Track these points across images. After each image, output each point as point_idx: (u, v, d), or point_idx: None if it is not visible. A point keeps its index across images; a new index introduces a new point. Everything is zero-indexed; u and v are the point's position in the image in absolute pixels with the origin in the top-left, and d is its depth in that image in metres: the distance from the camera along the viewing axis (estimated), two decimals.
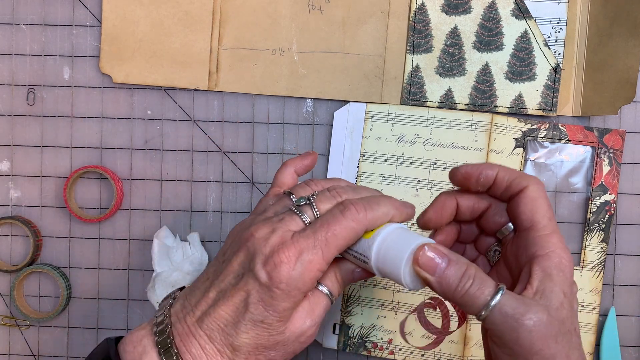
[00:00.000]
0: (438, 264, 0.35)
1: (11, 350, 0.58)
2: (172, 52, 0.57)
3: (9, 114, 0.58)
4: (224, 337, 0.36)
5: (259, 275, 0.35)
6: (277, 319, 0.36)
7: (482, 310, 0.33)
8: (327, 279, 0.39)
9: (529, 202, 0.37)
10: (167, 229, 0.57)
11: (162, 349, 0.36)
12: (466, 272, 0.34)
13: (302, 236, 0.36)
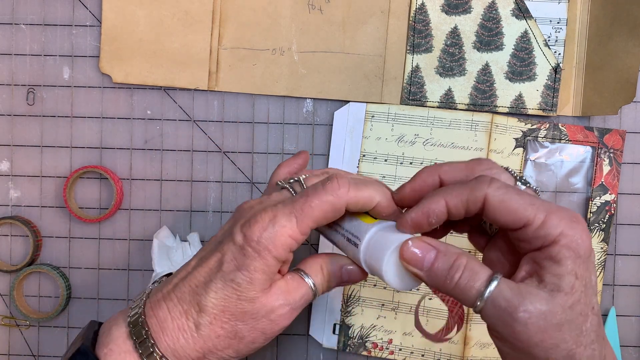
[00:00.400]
0: (425, 258, 0.33)
1: (11, 350, 0.58)
2: (172, 52, 0.57)
3: (9, 114, 0.58)
4: (193, 296, 0.36)
5: (235, 236, 0.36)
6: (247, 280, 0.35)
7: (476, 302, 0.32)
8: (312, 270, 0.39)
9: (498, 210, 0.33)
10: (167, 229, 0.57)
11: (131, 319, 0.36)
12: (455, 262, 0.33)
13: (281, 203, 0.37)
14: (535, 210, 0.32)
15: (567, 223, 0.32)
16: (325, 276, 0.39)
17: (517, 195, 0.33)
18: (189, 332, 0.35)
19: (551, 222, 0.32)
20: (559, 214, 0.32)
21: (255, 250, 0.36)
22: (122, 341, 0.35)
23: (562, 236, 0.32)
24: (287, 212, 0.36)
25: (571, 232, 0.32)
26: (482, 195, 0.33)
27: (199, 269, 0.37)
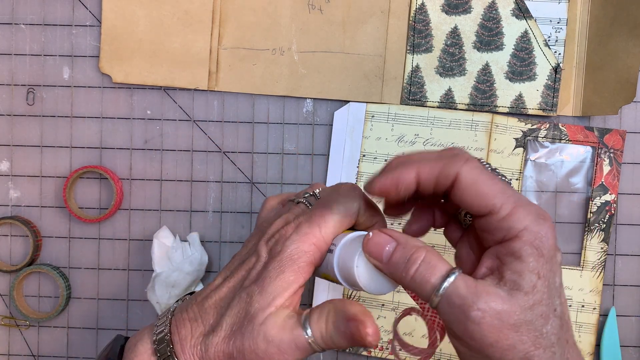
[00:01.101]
0: (385, 249, 0.32)
1: (11, 350, 0.58)
2: (171, 52, 0.57)
3: (9, 114, 0.58)
4: (214, 316, 0.36)
5: (260, 252, 0.36)
6: (258, 290, 0.34)
7: (431, 297, 0.31)
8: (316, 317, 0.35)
9: (468, 190, 0.31)
10: (166, 229, 0.57)
11: (156, 337, 0.36)
12: (413, 255, 0.32)
13: (303, 215, 0.37)
14: (504, 199, 0.31)
15: (534, 218, 0.30)
16: (329, 328, 0.34)
17: (489, 180, 0.31)
18: (198, 351, 0.35)
19: (517, 214, 0.31)
20: (526, 208, 0.31)
21: (278, 260, 0.35)
22: (147, 357, 0.36)
23: (526, 231, 0.30)
24: (308, 220, 0.36)
25: (536, 228, 0.30)
26: (455, 171, 0.31)
27: (223, 288, 0.37)
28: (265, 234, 0.37)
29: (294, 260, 0.35)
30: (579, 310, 0.56)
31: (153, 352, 0.36)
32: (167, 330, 0.36)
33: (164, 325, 0.36)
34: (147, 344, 0.36)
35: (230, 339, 0.34)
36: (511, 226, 0.31)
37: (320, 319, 0.34)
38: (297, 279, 0.35)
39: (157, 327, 0.37)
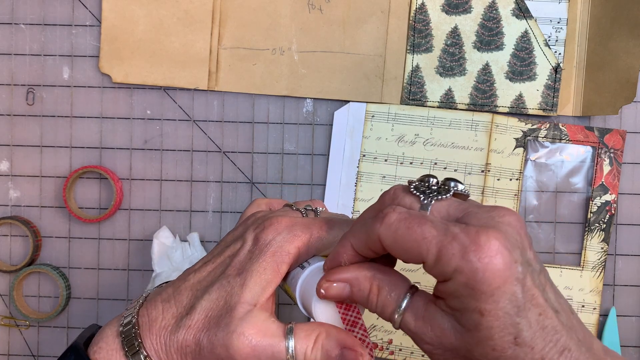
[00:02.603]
0: (342, 293, 0.32)
1: (11, 350, 0.58)
2: (171, 52, 0.57)
3: (9, 114, 0.58)
4: (190, 299, 0.35)
5: (246, 237, 0.36)
6: (240, 283, 0.34)
7: (396, 324, 0.31)
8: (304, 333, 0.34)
9: (392, 250, 0.30)
10: (166, 229, 0.57)
11: (124, 319, 0.35)
12: (371, 289, 0.31)
13: (300, 217, 0.37)
14: (427, 246, 0.28)
15: (461, 256, 0.27)
16: (317, 349, 0.33)
17: (408, 230, 0.29)
18: (168, 333, 0.34)
19: (444, 258, 0.28)
20: (451, 246, 0.28)
21: (263, 252, 0.35)
22: (112, 339, 0.35)
23: (457, 273, 0.28)
24: (305, 224, 0.36)
25: (467, 266, 0.27)
26: (376, 236, 0.30)
27: (202, 272, 0.36)
28: (254, 222, 0.37)
29: (275, 258, 0.35)
30: (579, 310, 0.56)
31: (118, 334, 0.35)
32: (135, 312, 0.35)
33: (133, 308, 0.36)
34: (114, 327, 0.36)
35: (203, 327, 0.34)
36: (441, 272, 0.28)
37: (308, 338, 0.33)
38: (275, 279, 0.35)
39: (128, 310, 0.36)
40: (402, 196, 0.31)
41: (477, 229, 0.28)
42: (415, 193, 0.31)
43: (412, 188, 0.31)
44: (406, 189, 0.32)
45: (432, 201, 0.30)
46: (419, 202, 0.31)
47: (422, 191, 0.31)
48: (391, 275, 0.32)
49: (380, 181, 0.56)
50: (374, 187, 0.56)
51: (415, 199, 0.31)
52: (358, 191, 0.57)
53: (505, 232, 0.28)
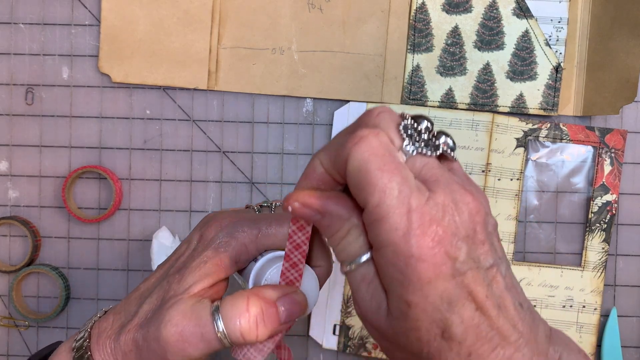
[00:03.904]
0: (310, 218, 0.29)
1: (10, 351, 0.58)
2: (171, 52, 0.57)
3: (8, 114, 0.58)
4: (137, 306, 0.34)
5: (192, 238, 0.36)
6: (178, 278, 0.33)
7: (343, 267, 0.29)
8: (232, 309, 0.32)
9: (350, 179, 0.27)
10: (166, 229, 0.56)
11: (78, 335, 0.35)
12: (341, 229, 0.28)
13: (250, 214, 0.36)
14: (381, 200, 0.25)
15: (403, 233, 0.25)
16: (252, 318, 0.32)
17: (377, 170, 0.25)
18: (112, 341, 0.34)
19: (387, 224, 0.25)
20: (399, 218, 0.25)
21: (205, 248, 0.34)
22: (64, 355, 0.35)
23: (389, 250, 0.25)
24: (251, 220, 0.35)
25: (404, 247, 0.25)
26: (346, 156, 0.26)
27: (152, 278, 0.36)
28: (200, 223, 0.36)
29: (218, 253, 0.34)
30: (579, 310, 0.55)
31: (71, 349, 0.35)
32: (89, 326, 0.35)
33: (89, 322, 0.36)
34: (69, 343, 0.35)
35: (139, 327, 0.33)
36: (376, 235, 0.26)
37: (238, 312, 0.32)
38: (217, 272, 0.34)
39: (84, 325, 0.36)
40: (387, 126, 0.27)
41: (431, 212, 0.25)
42: (402, 134, 0.27)
43: (401, 126, 0.27)
44: (394, 120, 0.28)
45: (414, 153, 0.27)
46: (400, 144, 0.27)
47: (410, 135, 0.27)
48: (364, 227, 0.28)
49: None
50: None
51: (399, 139, 0.27)
52: None
53: (455, 223, 0.26)
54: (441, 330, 0.26)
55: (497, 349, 0.26)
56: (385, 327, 0.27)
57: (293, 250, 0.32)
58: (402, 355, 0.28)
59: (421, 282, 0.25)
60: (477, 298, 0.26)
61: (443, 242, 0.25)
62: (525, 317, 0.27)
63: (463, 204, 0.26)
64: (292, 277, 0.33)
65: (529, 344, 0.27)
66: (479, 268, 0.26)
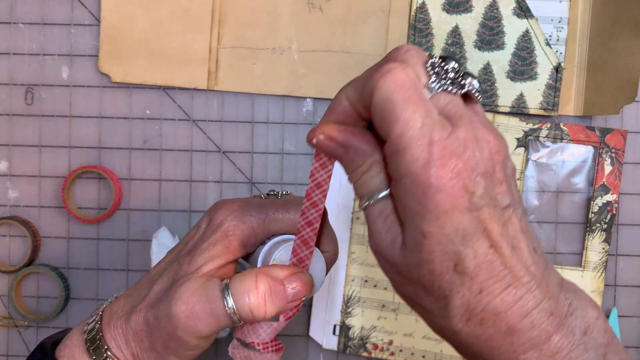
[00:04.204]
0: (333, 152, 0.29)
1: (10, 351, 0.58)
2: (171, 52, 0.57)
3: (7, 114, 0.58)
4: (147, 288, 0.35)
5: (201, 223, 0.36)
6: (187, 260, 0.34)
7: (361, 202, 0.29)
8: (241, 286, 0.33)
9: (375, 110, 0.27)
10: (166, 230, 0.56)
11: (90, 318, 0.36)
12: (363, 165, 0.29)
13: (257, 199, 0.37)
14: (404, 131, 0.26)
15: (423, 164, 0.25)
16: (261, 294, 0.33)
17: (403, 102, 0.26)
18: (123, 322, 0.34)
19: (408, 155, 0.25)
20: (421, 149, 0.25)
21: (214, 231, 0.35)
22: (76, 337, 0.36)
23: (408, 179, 0.26)
24: (259, 206, 0.36)
25: (424, 176, 0.25)
26: (372, 87, 0.27)
27: (162, 262, 0.37)
28: (210, 208, 0.37)
29: (227, 236, 0.35)
30: None
31: (83, 331, 0.35)
32: (101, 310, 0.36)
33: (101, 306, 0.37)
34: (82, 326, 0.36)
35: (150, 306, 0.34)
36: (397, 165, 0.26)
37: (247, 289, 0.33)
38: (226, 254, 0.34)
39: (97, 309, 0.37)
40: (414, 63, 0.27)
41: (452, 146, 0.25)
42: (429, 70, 0.27)
43: (428, 64, 0.28)
44: (422, 57, 0.28)
45: (440, 90, 0.27)
46: (427, 81, 0.27)
47: (437, 72, 0.27)
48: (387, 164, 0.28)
49: None
50: None
51: (425, 76, 0.27)
52: None
53: (475, 159, 0.26)
54: (454, 263, 0.26)
55: (508, 288, 0.26)
56: (398, 260, 0.28)
57: (314, 188, 0.32)
58: (414, 289, 0.28)
59: (438, 212, 0.25)
60: (491, 235, 0.26)
61: (462, 176, 0.25)
62: (538, 261, 0.28)
63: (484, 141, 0.26)
64: (307, 236, 0.34)
65: (541, 287, 0.27)
66: (495, 206, 0.26)
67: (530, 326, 0.27)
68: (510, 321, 0.26)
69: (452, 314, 0.27)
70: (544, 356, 0.27)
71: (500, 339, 0.27)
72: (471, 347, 0.28)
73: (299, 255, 0.34)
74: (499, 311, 0.26)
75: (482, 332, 0.27)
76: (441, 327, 0.28)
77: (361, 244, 0.56)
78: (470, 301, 0.26)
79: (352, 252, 0.56)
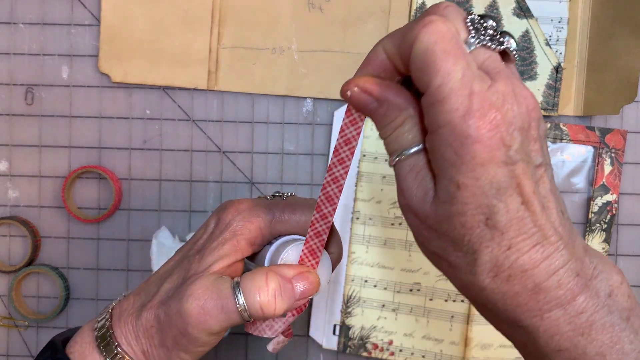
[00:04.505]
0: (366, 106, 0.30)
1: (10, 351, 0.58)
2: (171, 52, 0.57)
3: (7, 114, 0.58)
4: (156, 286, 0.36)
5: (209, 222, 0.37)
6: (197, 258, 0.35)
7: (391, 158, 0.29)
8: (252, 284, 0.34)
9: (414, 62, 0.27)
10: (166, 230, 0.56)
11: (100, 315, 0.36)
12: (396, 120, 0.29)
13: (263, 201, 0.38)
14: (444, 82, 0.25)
15: (463, 115, 0.25)
16: (271, 292, 0.34)
17: (443, 53, 0.26)
18: (134, 319, 0.35)
19: (446, 103, 0.25)
20: (461, 100, 0.25)
21: (222, 231, 0.36)
22: (87, 334, 0.36)
23: (446, 129, 0.25)
24: (266, 206, 0.37)
25: (462, 126, 0.25)
26: (412, 39, 0.26)
27: (171, 261, 0.38)
28: (218, 208, 0.38)
29: (235, 235, 0.35)
30: None
31: (93, 329, 0.36)
32: (111, 307, 0.37)
33: (110, 304, 0.37)
34: (91, 323, 0.37)
35: (161, 303, 0.35)
36: (435, 116, 0.26)
37: (258, 287, 0.33)
38: (235, 253, 0.35)
39: (107, 307, 0.38)
40: (454, 18, 0.28)
41: (491, 99, 0.25)
42: (469, 26, 0.27)
43: (468, 19, 0.28)
44: (461, 14, 0.28)
45: (479, 45, 0.27)
46: (466, 35, 0.27)
47: (476, 28, 0.27)
48: (420, 117, 0.28)
49: (381, 181, 0.56)
50: (374, 187, 0.56)
51: (465, 32, 0.27)
52: (358, 191, 0.56)
53: (513, 113, 0.26)
54: (486, 217, 0.26)
55: (536, 246, 0.26)
56: (429, 214, 0.28)
57: (343, 145, 0.32)
58: (442, 244, 0.28)
59: (474, 163, 0.25)
60: (524, 191, 0.26)
61: (500, 128, 0.25)
62: (565, 224, 0.28)
63: (522, 97, 0.27)
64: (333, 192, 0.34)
65: (568, 248, 0.27)
66: (529, 163, 0.27)
67: (557, 285, 0.27)
68: (537, 279, 0.27)
69: (480, 269, 0.27)
70: (568, 315, 0.27)
71: (526, 296, 0.27)
72: (496, 305, 0.28)
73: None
74: (526, 268, 0.26)
75: (508, 288, 0.27)
76: (467, 283, 0.28)
77: (361, 244, 0.56)
78: (498, 257, 0.27)
79: (352, 252, 0.56)
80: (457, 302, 0.55)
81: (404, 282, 0.56)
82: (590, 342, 0.27)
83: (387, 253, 0.56)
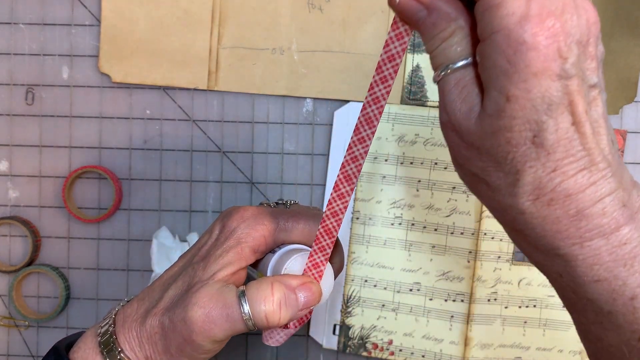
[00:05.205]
0: (414, 14, 0.28)
1: (10, 351, 0.58)
2: (171, 52, 0.57)
3: (8, 114, 0.58)
4: (160, 292, 0.36)
5: (214, 228, 0.38)
6: (202, 266, 0.35)
7: (437, 73, 0.28)
8: (258, 293, 0.34)
9: None
10: (166, 230, 0.56)
11: (103, 321, 0.37)
12: (445, 30, 0.27)
13: (268, 209, 0.38)
14: None
15: (521, 16, 0.24)
16: (276, 301, 0.34)
17: None
18: (138, 325, 0.35)
19: (502, 8, 0.24)
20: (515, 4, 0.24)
21: (227, 238, 0.36)
22: (90, 339, 0.36)
23: (501, 35, 0.24)
24: (271, 215, 0.37)
25: (519, 31, 0.24)
26: None
27: (175, 267, 0.38)
28: (222, 214, 0.38)
29: (240, 243, 0.36)
30: None
31: (96, 334, 0.36)
32: (114, 313, 0.37)
33: (113, 309, 0.37)
34: (95, 328, 0.37)
35: (165, 310, 0.35)
36: (488, 22, 0.25)
37: (263, 297, 0.34)
38: (239, 261, 0.36)
39: (109, 312, 0.38)
40: None
41: (550, 6, 0.24)
42: None
43: None
44: None
45: None
46: None
47: None
48: (470, 29, 0.27)
49: (381, 181, 0.56)
50: (374, 187, 0.56)
51: None
52: (358, 191, 0.56)
53: (572, 23, 0.24)
54: (533, 134, 0.25)
55: (583, 170, 0.25)
56: (473, 130, 0.27)
57: (386, 61, 0.30)
58: (483, 164, 0.27)
59: (527, 72, 0.24)
60: (576, 110, 0.25)
61: (557, 37, 0.24)
62: (615, 153, 0.27)
63: (582, 9, 0.25)
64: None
65: (615, 177, 0.26)
66: (584, 80, 0.25)
67: (601, 213, 0.26)
68: (580, 205, 0.25)
69: (521, 190, 0.26)
70: (610, 245, 0.26)
71: (567, 222, 0.26)
72: (534, 230, 0.27)
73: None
74: (570, 193, 0.25)
75: (548, 213, 0.26)
76: (506, 206, 0.27)
77: (361, 244, 0.56)
78: (542, 178, 0.25)
79: (352, 252, 0.56)
80: (457, 302, 0.56)
81: (403, 282, 0.56)
82: (633, 273, 0.26)
83: (387, 253, 0.56)
